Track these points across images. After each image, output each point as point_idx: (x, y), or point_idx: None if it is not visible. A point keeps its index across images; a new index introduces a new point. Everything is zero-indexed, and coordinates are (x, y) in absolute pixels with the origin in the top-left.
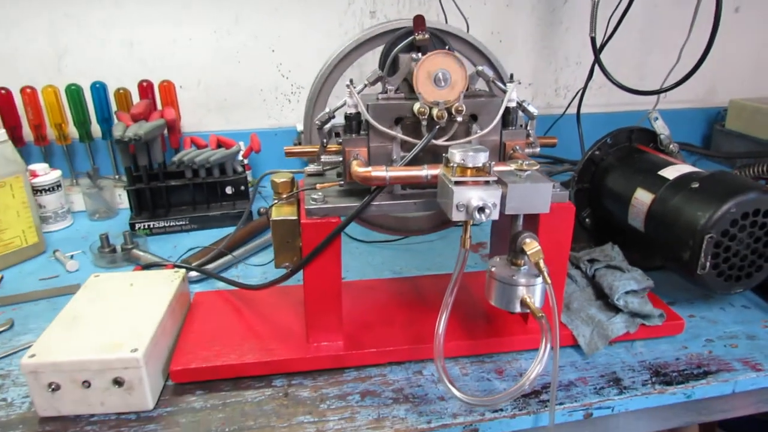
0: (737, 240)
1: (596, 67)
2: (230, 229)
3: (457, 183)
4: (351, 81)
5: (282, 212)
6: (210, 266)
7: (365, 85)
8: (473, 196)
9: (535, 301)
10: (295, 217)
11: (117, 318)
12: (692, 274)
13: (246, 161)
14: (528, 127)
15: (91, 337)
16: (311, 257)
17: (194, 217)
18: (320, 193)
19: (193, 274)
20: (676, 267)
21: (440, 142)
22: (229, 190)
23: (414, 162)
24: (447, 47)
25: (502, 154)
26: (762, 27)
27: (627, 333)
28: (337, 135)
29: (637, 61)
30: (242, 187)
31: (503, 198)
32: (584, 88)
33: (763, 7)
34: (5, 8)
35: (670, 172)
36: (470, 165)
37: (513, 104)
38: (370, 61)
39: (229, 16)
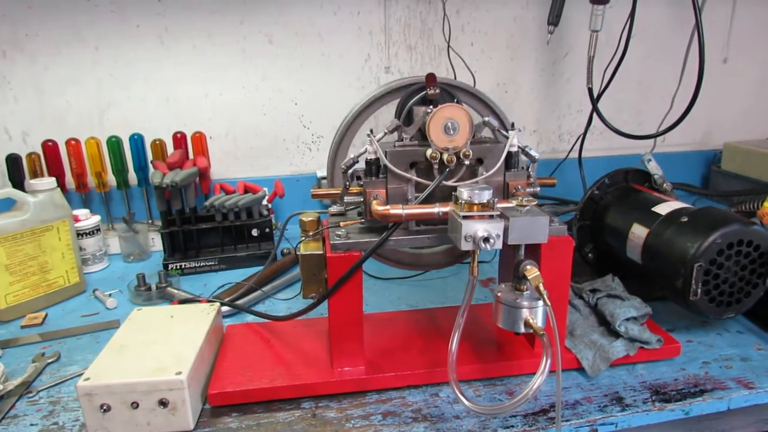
0: (725, 268)
1: (594, 114)
2: (255, 269)
3: (464, 217)
4: (371, 131)
5: (309, 247)
6: (240, 301)
7: (384, 134)
8: (479, 228)
9: (538, 321)
10: (321, 252)
11: (160, 346)
12: (685, 300)
13: (270, 205)
14: (529, 169)
15: (138, 362)
16: (336, 287)
17: (223, 257)
18: (343, 230)
19: (225, 308)
20: (671, 295)
21: (450, 183)
22: (254, 232)
23: (427, 201)
24: (455, 100)
25: (505, 193)
26: (749, 76)
27: (627, 355)
28: (359, 178)
29: (635, 108)
30: (267, 230)
31: (506, 230)
32: (584, 134)
33: (748, 57)
34: (62, 67)
35: (663, 209)
36: (476, 201)
37: (515, 149)
38: (384, 113)
39: (256, 74)
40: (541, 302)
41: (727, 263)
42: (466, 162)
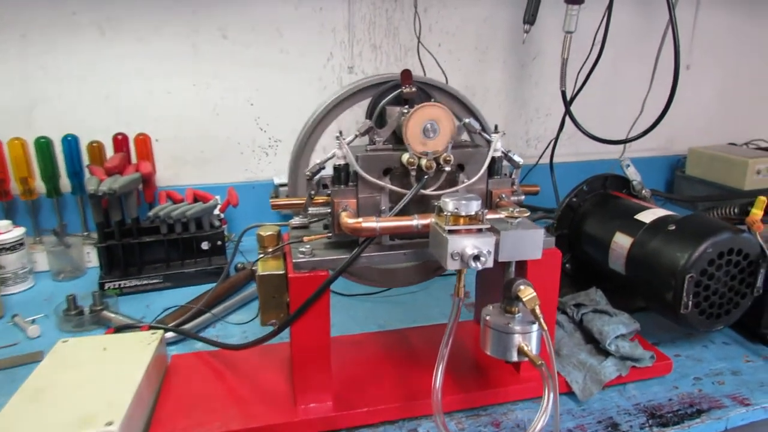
0: (715, 279)
1: (566, 118)
2: (207, 287)
3: (450, 232)
4: (341, 133)
5: (268, 267)
6: (187, 326)
7: (355, 136)
8: (467, 244)
9: (532, 348)
10: (282, 272)
11: (89, 387)
12: (676, 313)
13: (223, 215)
14: (513, 176)
15: (58, 411)
16: (300, 313)
17: (169, 274)
18: (308, 246)
19: (170, 335)
20: (659, 308)
21: (429, 191)
22: (205, 245)
23: (403, 212)
24: (432, 100)
25: (488, 202)
26: (711, 82)
27: (619, 376)
28: (325, 186)
29: (602, 112)
30: (219, 242)
31: (496, 245)
32: (556, 139)
33: (710, 65)
34: None
35: (646, 216)
36: (463, 213)
37: (498, 154)
38: (348, 117)
39: (208, 70)
40: (535, 326)
41: (717, 273)
42: (447, 168)
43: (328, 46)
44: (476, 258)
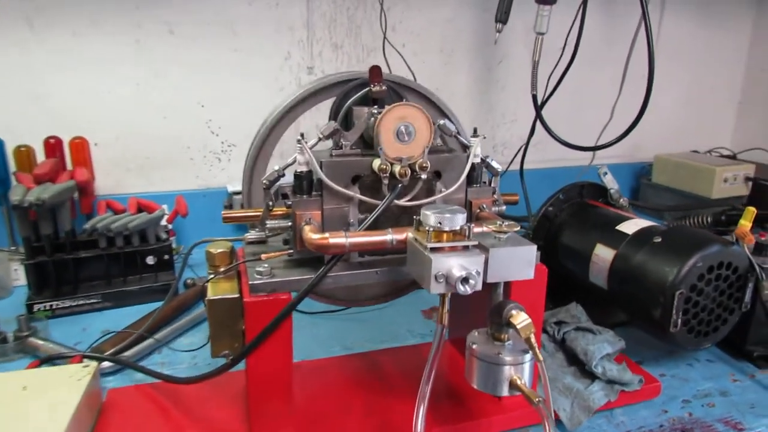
0: (704, 294)
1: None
2: (153, 306)
3: (433, 250)
4: (302, 135)
5: (220, 289)
6: (127, 353)
7: (319, 140)
8: (454, 264)
9: (525, 381)
10: (236, 295)
11: None
12: (664, 331)
13: (170, 227)
14: (492, 184)
15: None
16: (257, 342)
17: (109, 293)
18: (266, 265)
19: (106, 364)
20: (645, 324)
21: (403, 202)
22: (150, 260)
23: (374, 226)
24: (404, 100)
25: (468, 214)
26: (675, 89)
27: (608, 402)
28: (285, 196)
29: (570, 117)
30: (166, 257)
31: (485, 264)
32: (526, 145)
33: (673, 72)
34: None
35: (628, 227)
36: (447, 228)
37: (477, 160)
38: (307, 120)
39: (153, 69)
40: (528, 356)
41: (706, 289)
42: (423, 176)
43: (285, 45)
44: (465, 281)
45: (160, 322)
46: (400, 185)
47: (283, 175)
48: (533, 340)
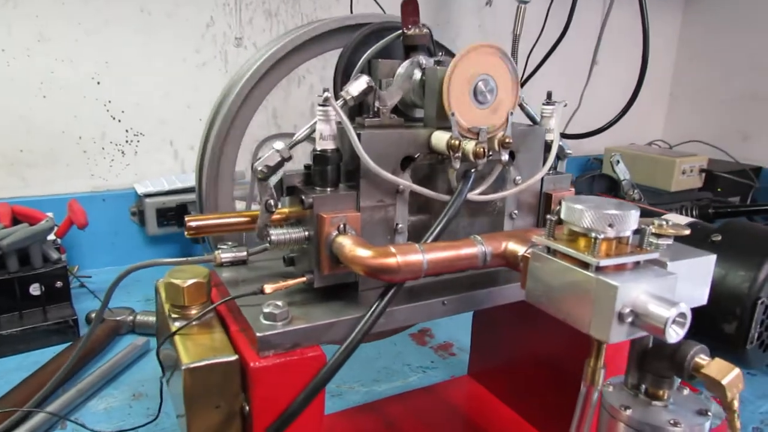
0: None
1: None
2: (43, 356)
3: (600, 269)
4: (326, 90)
5: (200, 349)
6: None
7: (344, 103)
8: (644, 291)
9: None
10: (233, 357)
11: None
12: (737, 347)
13: (60, 242)
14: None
15: None
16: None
17: None
18: (280, 303)
19: None
20: (714, 341)
21: (476, 195)
22: (35, 289)
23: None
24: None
25: (542, 209)
26: (615, 82)
27: None
28: (291, 191)
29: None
30: (59, 284)
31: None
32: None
33: (613, 64)
34: None
35: None
36: (616, 234)
37: (553, 137)
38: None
39: (28, 32)
40: (707, 423)
41: None
42: (504, 156)
43: (206, 9)
44: (679, 321)
45: (62, 382)
46: (473, 171)
47: (289, 158)
48: (737, 404)
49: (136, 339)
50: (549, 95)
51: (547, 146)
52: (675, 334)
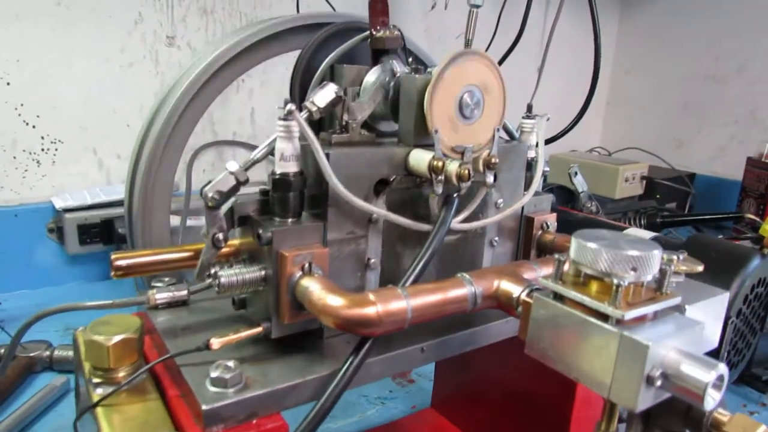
0: (744, 319)
1: None
2: None
3: (620, 323)
4: (287, 101)
5: (128, 425)
6: None
7: (310, 114)
8: (668, 347)
9: None
10: None
11: None
12: None
13: None
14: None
15: None
16: None
17: None
18: (230, 364)
19: None
20: None
21: (458, 223)
22: None
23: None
24: (410, 59)
25: (523, 234)
26: (556, 87)
27: None
28: (244, 221)
29: None
30: None
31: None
32: None
33: (555, 69)
34: None
35: None
36: (637, 279)
37: (535, 154)
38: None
39: None
40: None
41: (746, 312)
42: (489, 179)
43: (134, 3)
44: (716, 386)
45: None
46: (456, 196)
47: (246, 182)
48: None
49: (54, 378)
50: (529, 108)
51: (528, 164)
52: (712, 400)
